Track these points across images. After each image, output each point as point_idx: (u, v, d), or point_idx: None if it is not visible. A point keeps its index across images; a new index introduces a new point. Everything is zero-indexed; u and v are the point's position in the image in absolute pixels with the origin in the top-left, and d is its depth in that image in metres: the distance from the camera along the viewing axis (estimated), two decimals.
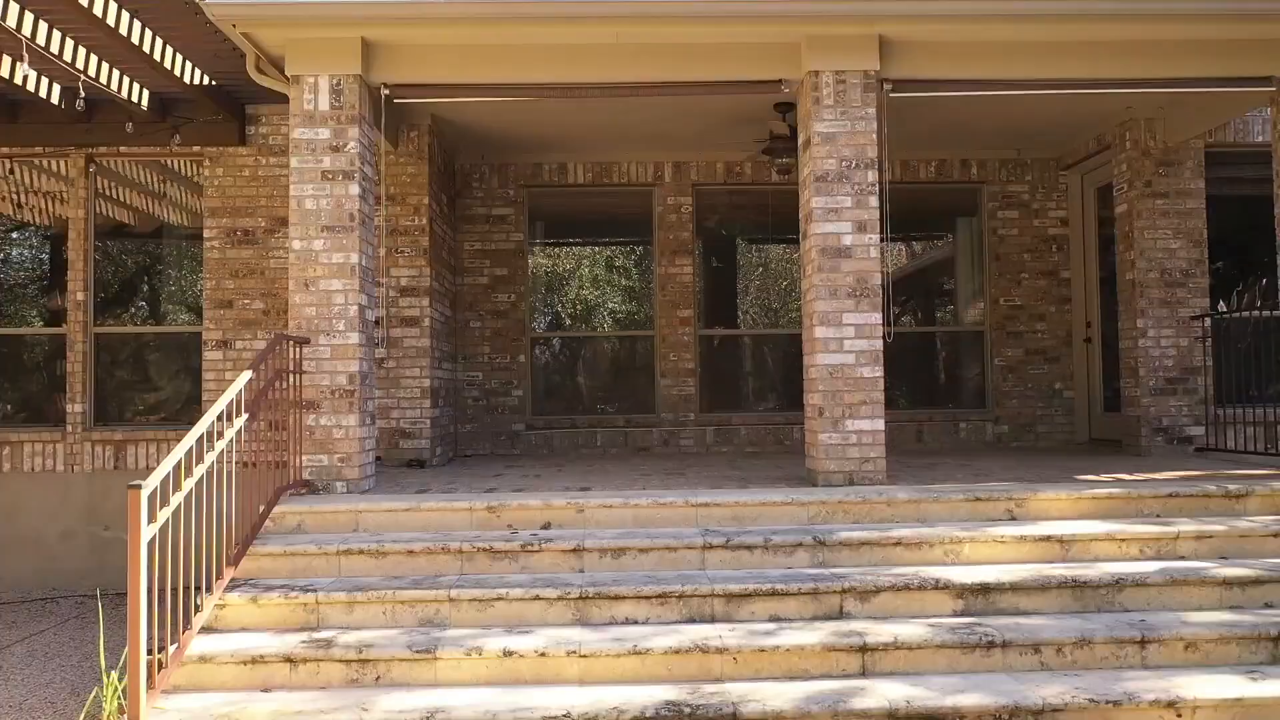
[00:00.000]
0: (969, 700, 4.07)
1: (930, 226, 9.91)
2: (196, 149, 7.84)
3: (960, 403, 9.41)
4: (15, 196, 7.98)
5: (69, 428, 7.74)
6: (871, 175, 6.07)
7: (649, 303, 9.39)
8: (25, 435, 7.71)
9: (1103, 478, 6.17)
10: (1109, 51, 6.29)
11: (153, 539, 3.95)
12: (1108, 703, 4.07)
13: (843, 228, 6.03)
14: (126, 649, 3.87)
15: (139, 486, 3.87)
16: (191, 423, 7.75)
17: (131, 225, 8.24)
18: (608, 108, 7.42)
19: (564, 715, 3.97)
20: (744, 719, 3.99)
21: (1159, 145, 8.04)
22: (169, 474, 4.13)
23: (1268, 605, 4.85)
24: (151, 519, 3.96)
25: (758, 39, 6.14)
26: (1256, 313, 7.26)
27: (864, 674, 4.37)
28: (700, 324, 9.28)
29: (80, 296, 7.81)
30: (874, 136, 6.09)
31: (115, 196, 8.11)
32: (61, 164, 7.89)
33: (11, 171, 7.89)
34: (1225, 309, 7.52)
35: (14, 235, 8.05)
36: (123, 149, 7.77)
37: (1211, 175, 8.14)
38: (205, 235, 7.87)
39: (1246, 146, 8.45)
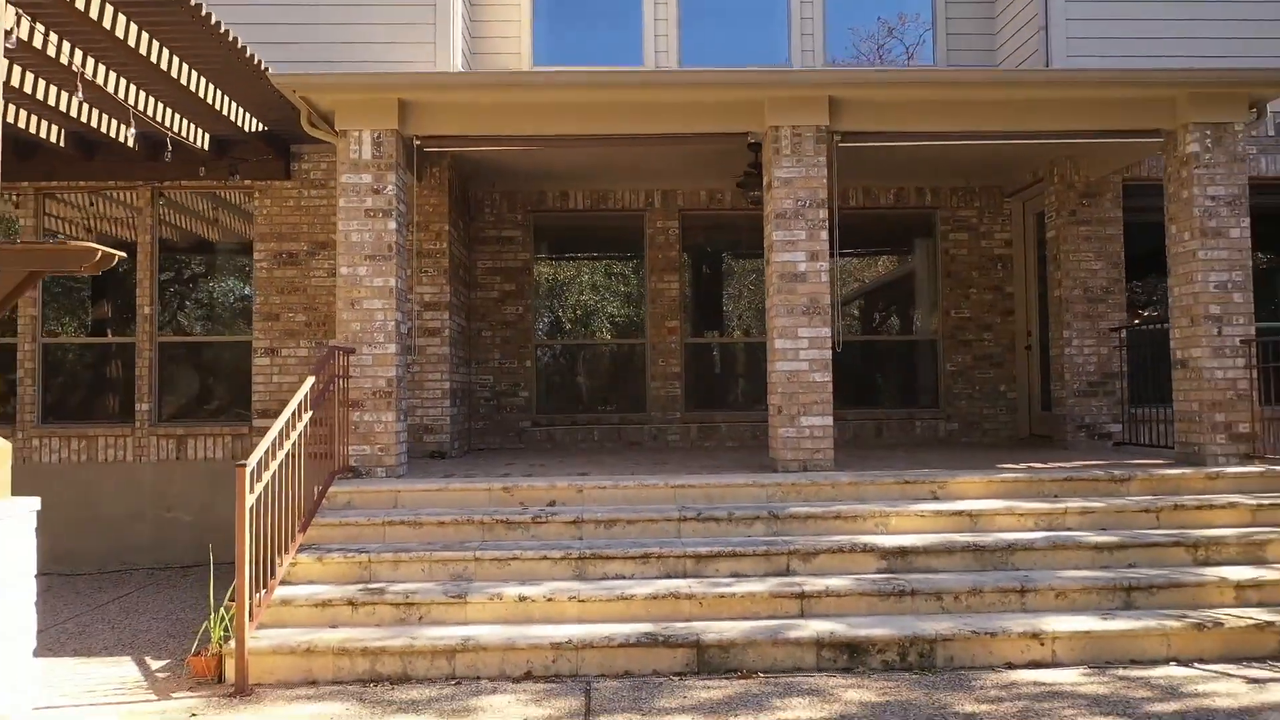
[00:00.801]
0: (880, 632, 5.28)
1: (891, 246, 11.12)
2: (248, 183, 9.04)
3: (916, 403, 10.61)
4: (92, 224, 9.19)
5: (137, 424, 8.94)
6: (823, 213, 7.27)
7: (640, 313, 10.59)
8: (99, 430, 8.90)
9: (1018, 466, 7.38)
10: (1023, 109, 7.50)
11: (252, 505, 5.15)
12: (987, 634, 5.28)
13: (798, 256, 7.24)
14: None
15: (244, 465, 5.08)
16: (243, 420, 8.99)
17: (191, 248, 9.43)
18: (604, 147, 8.62)
19: (566, 641, 5.18)
20: (704, 645, 5.20)
21: (1082, 179, 9.25)
22: (262, 457, 5.32)
23: (1131, 565, 6.05)
24: (251, 490, 5.16)
25: (730, 100, 7.36)
26: (1162, 326, 8.46)
27: (802, 615, 5.57)
28: (686, 333, 10.48)
29: (147, 310, 9.01)
30: (825, 180, 7.30)
31: (177, 223, 9.32)
32: (131, 195, 9.09)
33: (92, 204, 9.10)
34: (1137, 322, 8.73)
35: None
36: (184, 182, 8.97)
37: (1129, 204, 9.34)
38: (255, 257, 9.07)
39: (1159, 180, 9.63)
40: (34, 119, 7.73)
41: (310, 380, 6.22)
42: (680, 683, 5.00)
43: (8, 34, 4.76)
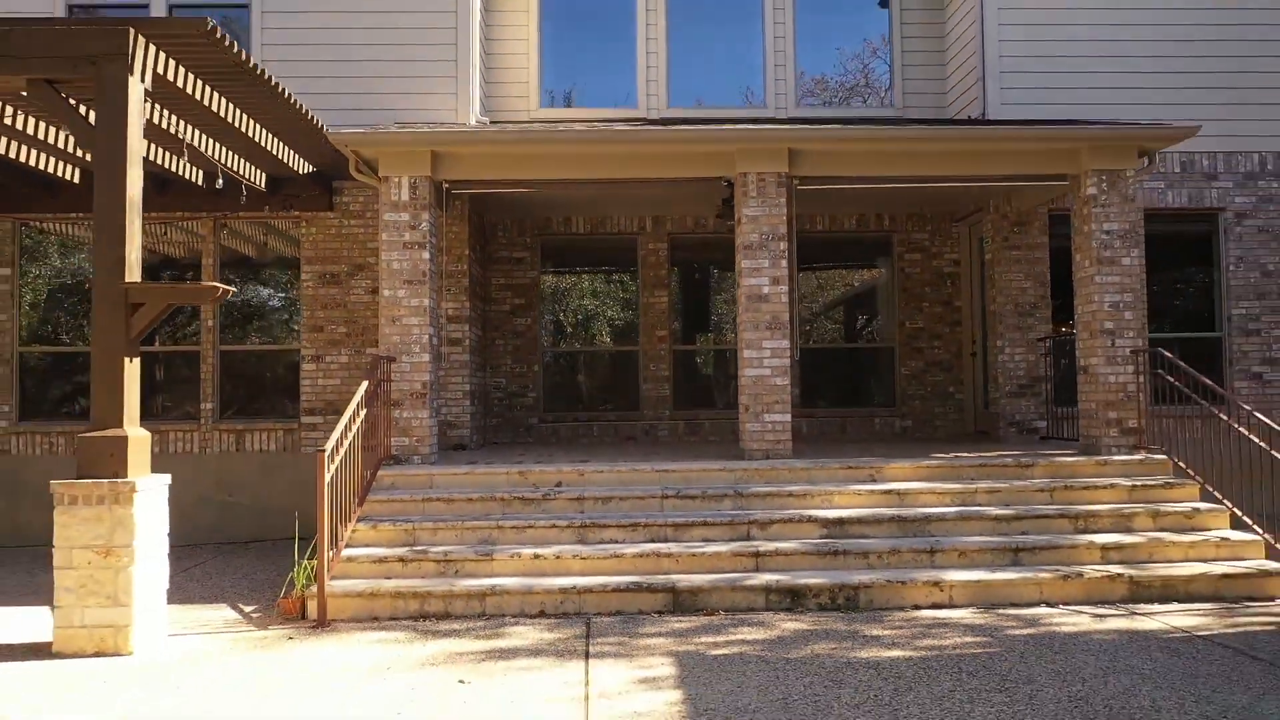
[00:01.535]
0: (816, 581, 6.77)
1: (854, 265, 12.61)
2: (296, 213, 10.52)
3: (876, 403, 12.09)
4: (162, 249, 10.68)
5: (201, 421, 10.42)
6: (783, 244, 8.77)
7: (635, 323, 12.07)
8: (170, 426, 10.37)
9: (947, 455, 8.85)
10: (954, 157, 9.00)
11: (329, 480, 6.63)
12: (899, 582, 6.77)
13: (762, 281, 8.73)
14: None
15: (323, 451, 6.57)
16: (292, 418, 10.47)
17: (247, 269, 10.92)
18: (601, 188, 10.11)
19: (571, 588, 6.68)
20: (679, 590, 6.69)
21: (1014, 210, 10.74)
22: (333, 445, 6.81)
23: (1023, 533, 7.54)
24: (328, 469, 6.64)
25: (706, 151, 8.86)
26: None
27: (757, 570, 7.06)
28: (674, 341, 11.97)
29: (210, 323, 10.48)
30: (784, 217, 8.78)
31: (235, 248, 10.80)
32: (196, 224, 10.57)
33: (165, 232, 10.58)
34: (1061, 333, 10.21)
35: (162, 277, 10.70)
36: (242, 214, 10.43)
37: (1055, 231, 10.81)
38: (302, 277, 10.55)
39: None
40: None
41: (364, 384, 7.71)
42: (659, 618, 6.49)
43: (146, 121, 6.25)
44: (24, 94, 6.19)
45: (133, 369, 6.11)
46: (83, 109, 6.44)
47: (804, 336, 12.01)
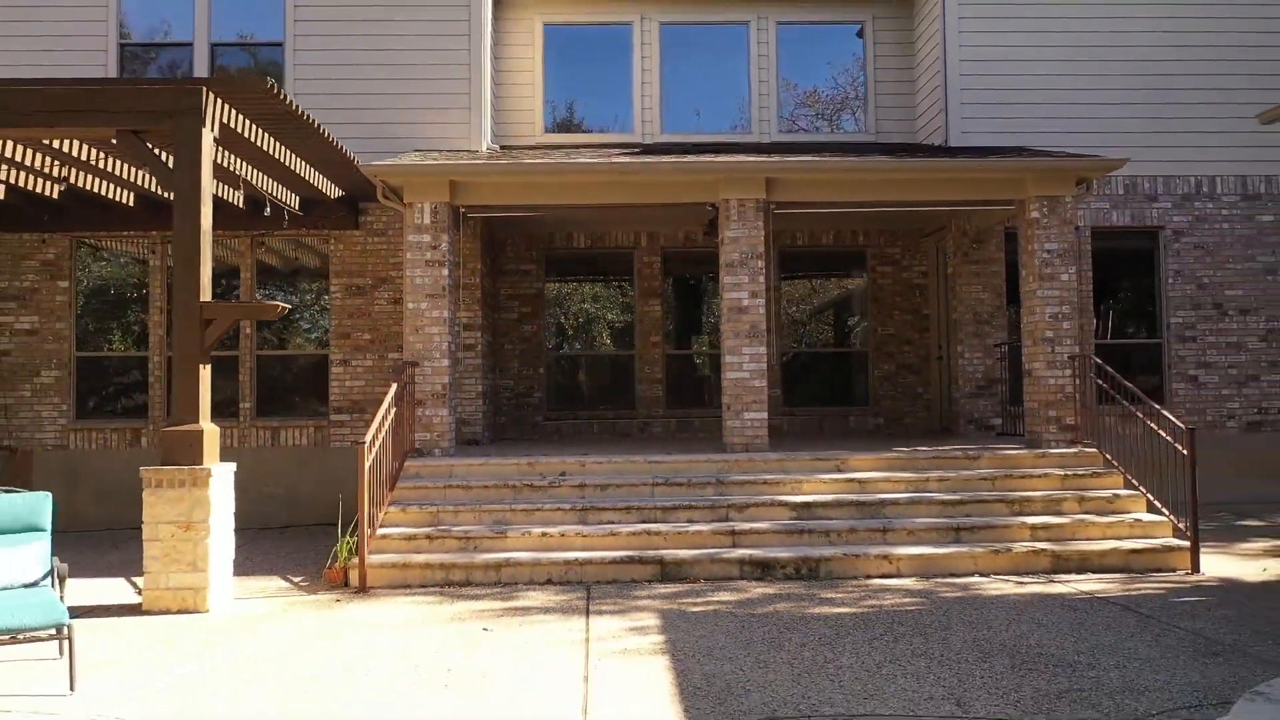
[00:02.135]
0: (783, 555, 7.92)
1: (832, 276, 13.76)
2: (325, 232, 11.67)
3: (851, 403, 13.23)
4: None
5: (241, 419, 11.56)
6: (760, 262, 9.91)
7: (631, 330, 13.22)
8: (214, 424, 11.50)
9: (906, 448, 9.99)
10: (914, 184, 10.14)
11: (369, 466, 7.78)
12: (855, 556, 7.93)
13: (743, 295, 9.88)
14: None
15: (363, 443, 7.72)
16: (322, 416, 11.62)
17: (280, 281, 12.07)
18: (599, 211, 11.26)
19: (574, 560, 7.83)
20: (666, 562, 7.85)
21: (973, 228, 11.90)
22: (370, 438, 7.96)
23: (966, 515, 8.68)
24: (367, 458, 7.79)
25: (693, 180, 10.01)
26: None
27: (733, 546, 8.21)
28: (667, 346, 13.12)
29: (248, 330, 11.64)
30: (762, 238, 9.93)
31: (269, 262, 11.96)
32: (235, 241, 11.73)
33: (219, 252, 11.76)
34: (1014, 340, 11.34)
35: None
36: (276, 232, 11.58)
37: (1011, 247, 11.93)
38: (331, 289, 11.71)
39: None
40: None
41: (394, 386, 8.87)
42: (649, 585, 7.65)
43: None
44: (113, 141, 7.33)
45: (205, 374, 7.27)
46: (160, 153, 7.59)
47: (785, 342, 13.15)
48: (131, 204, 10.73)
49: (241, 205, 10.71)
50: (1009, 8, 12.01)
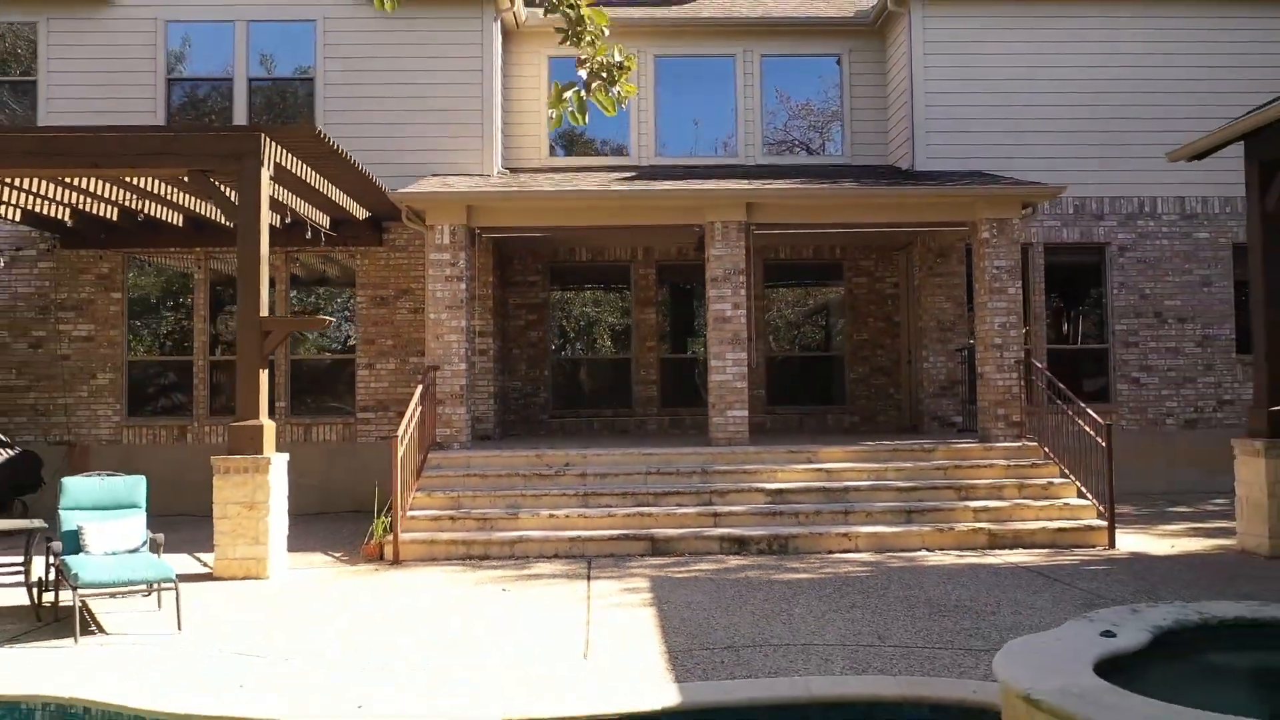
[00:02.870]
0: (758, 533, 9.20)
1: (812, 285, 15.04)
2: (352, 248, 12.96)
3: (830, 402, 14.49)
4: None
5: (278, 417, 12.83)
6: (741, 277, 11.19)
7: (628, 335, 14.49)
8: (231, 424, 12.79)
9: (873, 442, 11.24)
10: (880, 207, 11.42)
11: (401, 457, 9.06)
12: (819, 534, 9.21)
13: (726, 306, 11.16)
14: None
15: (396, 436, 9.00)
16: (350, 414, 12.90)
17: (311, 292, 13.35)
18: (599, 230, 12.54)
19: (577, 537, 9.12)
20: (656, 539, 9.13)
21: (936, 244, 13.17)
22: (402, 432, 9.23)
23: (919, 500, 9.95)
24: (400, 449, 9.07)
25: (682, 205, 11.30)
26: None
27: (715, 525, 9.49)
28: (661, 350, 14.39)
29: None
30: (743, 255, 11.21)
31: (302, 276, 13.25)
32: (271, 257, 12.95)
33: None
34: (974, 345, 12.58)
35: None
36: (308, 249, 12.86)
37: (972, 261, 13.19)
38: (357, 299, 12.99)
39: None
40: (218, 212, 11.63)
41: (419, 387, 10.15)
42: (641, 558, 8.93)
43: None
44: (184, 179, 8.61)
45: (264, 377, 8.55)
46: (223, 188, 8.87)
47: (768, 346, 14.42)
48: (180, 224, 12.01)
49: (279, 225, 11.99)
50: (970, 45, 13.29)
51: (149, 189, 10.03)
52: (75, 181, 9.63)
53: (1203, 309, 13.29)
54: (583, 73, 4.42)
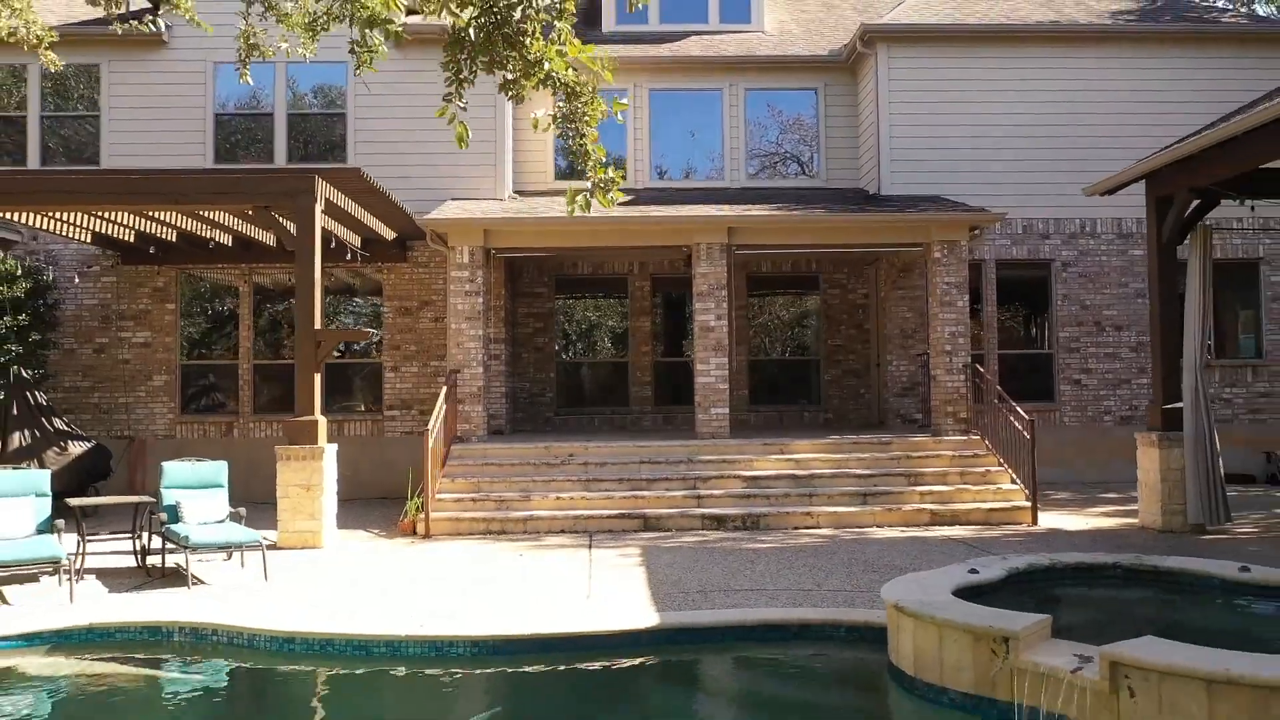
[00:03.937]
0: (734, 512, 10.83)
1: (791, 296, 16.66)
2: (379, 264, 14.58)
3: (806, 402, 16.11)
4: (282, 288, 14.75)
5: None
6: (723, 291, 12.81)
7: (626, 341, 16.10)
8: (288, 417, 14.41)
9: (839, 436, 12.86)
10: (847, 230, 13.03)
11: (431, 447, 10.68)
12: (786, 513, 10.84)
13: (710, 317, 12.78)
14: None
15: (426, 431, 10.62)
16: (378, 413, 14.51)
17: (341, 304, 14.95)
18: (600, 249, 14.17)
19: (580, 516, 10.74)
20: (648, 518, 10.76)
21: (900, 261, 14.79)
22: (431, 425, 10.85)
23: (875, 485, 11.57)
24: (430, 440, 10.68)
25: (672, 228, 12.93)
26: None
27: (699, 506, 11.12)
28: (655, 354, 16.00)
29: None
30: (725, 273, 12.83)
31: (334, 289, 14.87)
32: None
33: (288, 279, 14.64)
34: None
35: (282, 309, 14.76)
36: (340, 264, 14.47)
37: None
38: (384, 310, 14.61)
39: None
40: (262, 233, 13.25)
41: (444, 389, 11.77)
42: (635, 534, 10.55)
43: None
44: (249, 213, 10.21)
45: (317, 380, 10.17)
46: (281, 220, 10.50)
47: (751, 351, 16.04)
48: (230, 244, 13.63)
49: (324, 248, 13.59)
50: (930, 83, 14.90)
51: (213, 218, 11.65)
52: (150, 212, 11.26)
53: (1137, 318, 14.89)
54: (588, 183, 6.19)
